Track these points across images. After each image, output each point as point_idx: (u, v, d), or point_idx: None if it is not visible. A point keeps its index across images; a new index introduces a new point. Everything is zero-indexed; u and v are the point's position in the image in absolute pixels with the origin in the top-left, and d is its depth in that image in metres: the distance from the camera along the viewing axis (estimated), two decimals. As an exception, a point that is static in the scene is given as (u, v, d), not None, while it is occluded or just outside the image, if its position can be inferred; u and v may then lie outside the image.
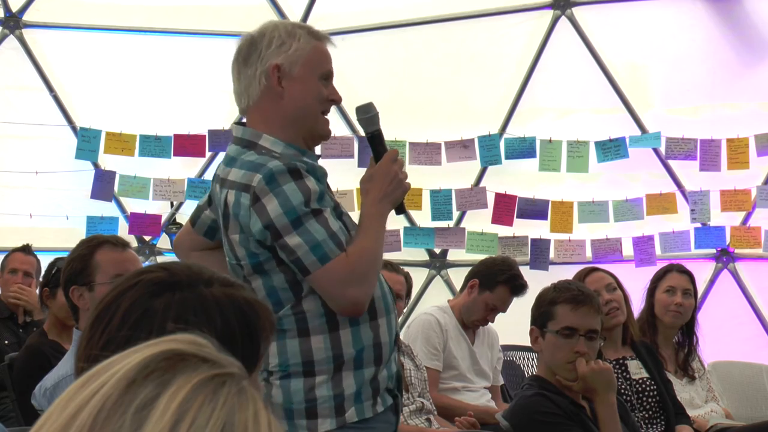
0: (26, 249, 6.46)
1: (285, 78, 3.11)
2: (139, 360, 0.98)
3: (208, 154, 8.01)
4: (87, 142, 7.80)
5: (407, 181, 3.16)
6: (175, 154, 7.88)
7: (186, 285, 1.63)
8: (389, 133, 3.44)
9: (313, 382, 3.02)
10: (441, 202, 7.99)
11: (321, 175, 3.08)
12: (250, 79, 3.13)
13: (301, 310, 3.04)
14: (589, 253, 8.02)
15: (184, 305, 1.60)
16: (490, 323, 6.20)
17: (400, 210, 3.19)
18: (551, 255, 8.05)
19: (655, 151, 8.07)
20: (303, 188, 2.97)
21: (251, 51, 3.14)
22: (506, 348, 6.65)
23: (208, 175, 8.07)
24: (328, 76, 3.17)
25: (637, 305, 5.75)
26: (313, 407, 3.03)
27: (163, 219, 8.07)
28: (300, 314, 3.04)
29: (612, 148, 7.96)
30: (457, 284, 7.51)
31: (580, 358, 3.98)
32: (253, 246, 3.03)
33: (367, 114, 3.21)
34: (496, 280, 6.00)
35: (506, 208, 7.99)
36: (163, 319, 1.58)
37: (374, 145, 3.20)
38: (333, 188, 3.30)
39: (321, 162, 3.23)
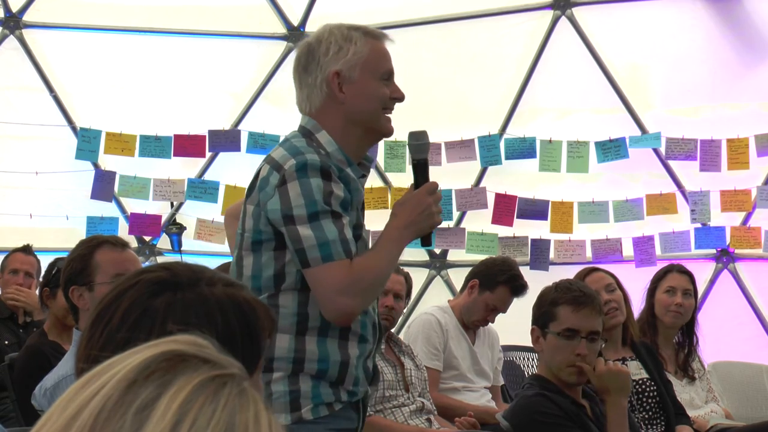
0: (27, 249, 6.44)
1: (345, 83, 3.12)
2: (140, 361, 0.97)
3: (208, 154, 8.01)
4: (87, 143, 7.79)
5: (440, 216, 3.17)
6: (175, 155, 7.88)
7: (187, 285, 1.62)
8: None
9: (270, 377, 3.01)
10: (441, 202, 7.95)
11: (353, 189, 3.08)
12: (311, 88, 3.15)
13: (276, 303, 3.03)
14: (589, 254, 8.02)
15: (185, 305, 1.60)
16: (490, 323, 6.20)
17: (426, 242, 3.20)
18: (551, 255, 8.05)
19: (655, 151, 8.07)
20: (327, 189, 2.99)
21: (310, 59, 3.16)
22: (506, 348, 6.64)
23: (208, 176, 8.07)
24: (389, 75, 3.19)
25: (637, 305, 5.75)
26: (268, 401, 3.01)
27: (163, 219, 8.07)
28: (273, 307, 3.02)
29: (612, 149, 7.95)
30: (457, 284, 7.50)
31: (599, 357, 4.00)
32: (263, 223, 3.05)
33: (419, 141, 3.22)
34: (496, 281, 6.00)
35: (506, 208, 7.99)
36: (163, 319, 1.58)
37: (417, 173, 3.21)
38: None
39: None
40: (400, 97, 3.20)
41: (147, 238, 8.15)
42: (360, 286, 2.98)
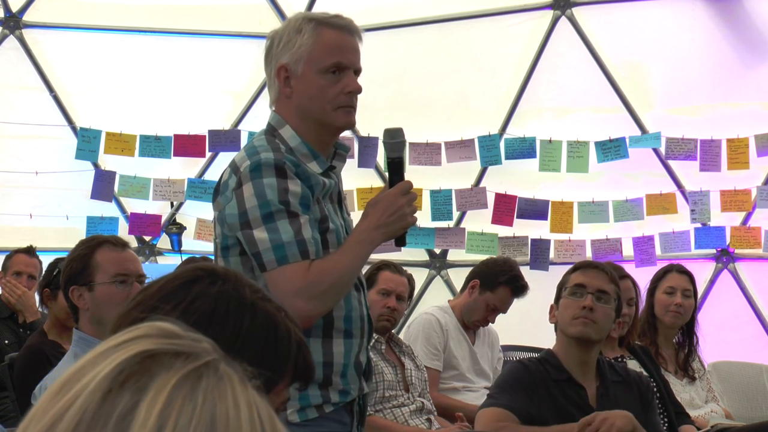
0: (30, 251, 6.33)
1: (293, 77, 3.03)
2: (112, 367, 0.96)
3: (208, 154, 8.01)
4: (87, 142, 7.79)
5: (414, 216, 3.02)
6: (175, 155, 7.88)
7: (232, 284, 1.66)
8: (389, 134, 3.40)
9: None
10: (441, 202, 7.99)
11: (314, 184, 2.98)
12: (270, 80, 3.11)
13: None
14: (589, 254, 8.02)
15: (219, 295, 1.64)
16: (490, 323, 6.20)
17: (400, 243, 3.09)
18: (551, 255, 8.05)
19: (655, 151, 8.07)
20: (282, 186, 2.90)
21: (269, 50, 3.10)
22: (506, 348, 6.64)
23: (209, 176, 8.07)
24: (337, 68, 3.02)
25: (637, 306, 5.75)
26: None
27: (163, 219, 8.07)
28: None
29: (612, 148, 7.95)
30: (458, 284, 7.50)
31: None
32: (226, 228, 2.99)
33: (393, 139, 3.10)
34: (497, 281, 6.00)
35: (506, 208, 7.99)
36: (193, 299, 1.62)
37: (392, 172, 3.10)
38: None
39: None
40: (356, 90, 3.05)
41: (147, 238, 8.14)
42: (318, 289, 2.87)
